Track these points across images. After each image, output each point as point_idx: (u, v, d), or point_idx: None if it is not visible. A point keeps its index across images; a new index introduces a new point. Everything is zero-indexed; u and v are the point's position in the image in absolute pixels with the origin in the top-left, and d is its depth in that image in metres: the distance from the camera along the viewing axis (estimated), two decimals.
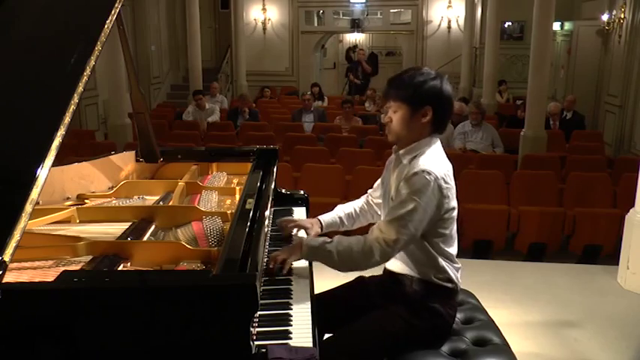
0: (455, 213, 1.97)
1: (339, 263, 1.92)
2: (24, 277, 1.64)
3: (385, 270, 2.13)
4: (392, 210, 1.89)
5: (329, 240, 1.96)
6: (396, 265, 2.04)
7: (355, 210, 2.33)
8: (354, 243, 1.91)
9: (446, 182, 1.88)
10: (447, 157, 2.01)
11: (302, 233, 2.30)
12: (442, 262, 1.97)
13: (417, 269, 1.98)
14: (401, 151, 1.99)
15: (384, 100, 2.02)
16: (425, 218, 1.85)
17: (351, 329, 1.99)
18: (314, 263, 2.16)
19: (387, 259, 1.95)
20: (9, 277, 1.39)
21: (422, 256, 1.96)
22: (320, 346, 1.86)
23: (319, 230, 2.29)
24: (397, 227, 1.85)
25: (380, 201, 2.22)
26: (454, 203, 1.95)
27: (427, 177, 1.83)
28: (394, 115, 1.96)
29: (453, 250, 2.02)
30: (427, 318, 1.97)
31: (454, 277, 2.00)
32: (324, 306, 1.97)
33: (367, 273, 2.27)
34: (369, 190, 2.34)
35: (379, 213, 2.24)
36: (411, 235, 1.86)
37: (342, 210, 2.33)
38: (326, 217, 2.31)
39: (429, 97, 1.90)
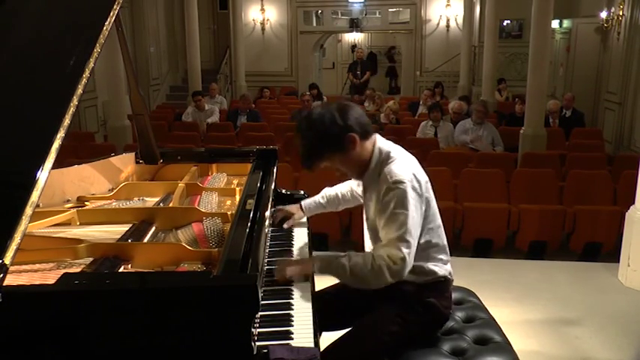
0: (432, 205, 1.99)
1: (352, 279, 1.91)
2: (24, 279, 1.65)
3: None
4: (386, 230, 1.88)
5: (342, 255, 1.93)
6: None
7: (339, 194, 2.44)
8: (364, 262, 1.87)
9: (417, 180, 1.91)
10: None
11: (302, 235, 2.33)
12: (429, 266, 1.99)
13: (408, 276, 1.95)
14: (364, 179, 2.04)
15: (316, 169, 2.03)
16: (417, 224, 1.89)
17: (349, 332, 2.00)
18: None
19: (400, 277, 1.88)
20: (10, 280, 1.39)
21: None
22: (322, 354, 1.87)
23: (302, 214, 2.44)
24: (399, 245, 1.84)
25: (358, 191, 2.31)
26: (428, 196, 1.97)
27: (400, 187, 1.86)
28: (339, 166, 2.02)
29: (441, 240, 2.04)
30: (422, 313, 2.00)
31: (445, 273, 2.03)
32: (323, 304, 1.98)
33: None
34: (351, 182, 2.39)
35: (359, 202, 2.32)
36: (413, 245, 1.87)
37: (326, 193, 2.46)
38: (307, 201, 2.45)
39: (340, 131, 1.92)
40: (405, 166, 1.93)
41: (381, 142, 2.02)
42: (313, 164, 1.98)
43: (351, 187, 2.40)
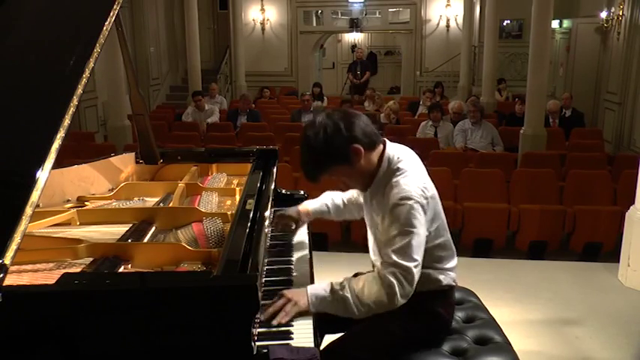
0: (441, 219, 1.94)
1: (357, 309, 1.77)
2: (24, 279, 1.65)
3: None
4: (393, 248, 1.79)
5: (337, 285, 1.80)
6: None
7: (343, 201, 2.31)
8: (371, 286, 1.77)
9: (425, 197, 1.82)
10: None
11: (302, 235, 2.26)
12: (436, 274, 1.96)
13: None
14: (370, 190, 1.94)
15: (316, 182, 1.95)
16: (423, 241, 1.82)
17: (351, 334, 1.98)
18: (314, 263, 2.16)
19: (408, 296, 1.79)
20: (10, 280, 1.39)
21: None
22: (322, 353, 1.83)
23: (306, 220, 2.31)
24: (408, 264, 1.76)
25: (360, 200, 2.19)
26: (437, 210, 1.91)
27: (408, 202, 1.78)
28: (342, 178, 1.93)
29: (448, 252, 2.00)
30: (427, 320, 1.98)
31: (450, 281, 2.01)
32: None
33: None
34: (345, 195, 2.30)
35: (361, 214, 2.18)
36: (419, 261, 1.79)
37: (330, 198, 2.32)
38: (314, 205, 2.31)
39: (344, 142, 1.81)
40: (414, 180, 1.83)
41: (390, 150, 1.90)
42: (316, 177, 1.89)
43: (353, 194, 2.30)
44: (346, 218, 2.37)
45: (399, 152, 1.92)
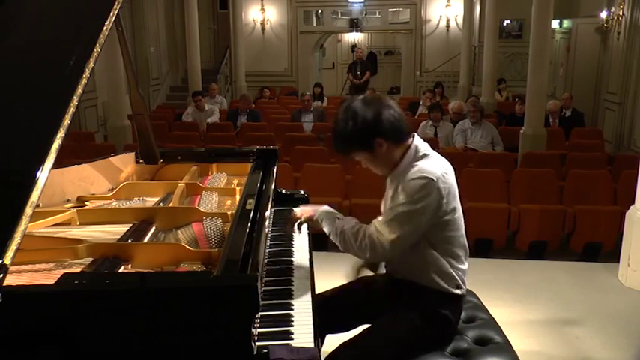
0: (458, 214, 1.96)
1: (341, 244, 1.98)
2: (24, 279, 1.65)
3: (393, 275, 2.10)
4: (390, 212, 1.88)
5: (342, 218, 2.02)
6: (405, 271, 2.01)
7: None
8: (354, 231, 1.93)
9: (444, 182, 1.86)
10: (443, 155, 2.01)
11: (302, 235, 2.26)
12: (450, 269, 1.97)
13: (426, 277, 1.96)
14: (393, 173, 1.98)
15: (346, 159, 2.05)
16: (422, 221, 1.85)
17: (362, 336, 1.98)
18: (314, 263, 2.16)
19: (379, 260, 1.95)
20: (9, 280, 1.39)
21: (431, 264, 1.95)
22: (334, 353, 1.88)
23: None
24: (394, 229, 1.85)
25: None
26: (455, 204, 1.93)
27: (425, 181, 1.83)
28: (364, 162, 2.00)
29: (462, 251, 2.02)
30: (438, 325, 1.99)
31: (461, 283, 2.02)
32: (324, 306, 1.98)
33: (370, 273, 2.26)
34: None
35: None
36: (407, 237, 1.85)
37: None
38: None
39: (369, 133, 1.88)
40: (436, 164, 1.90)
41: (418, 141, 1.96)
42: (342, 155, 1.99)
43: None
44: None
45: (426, 145, 1.98)
